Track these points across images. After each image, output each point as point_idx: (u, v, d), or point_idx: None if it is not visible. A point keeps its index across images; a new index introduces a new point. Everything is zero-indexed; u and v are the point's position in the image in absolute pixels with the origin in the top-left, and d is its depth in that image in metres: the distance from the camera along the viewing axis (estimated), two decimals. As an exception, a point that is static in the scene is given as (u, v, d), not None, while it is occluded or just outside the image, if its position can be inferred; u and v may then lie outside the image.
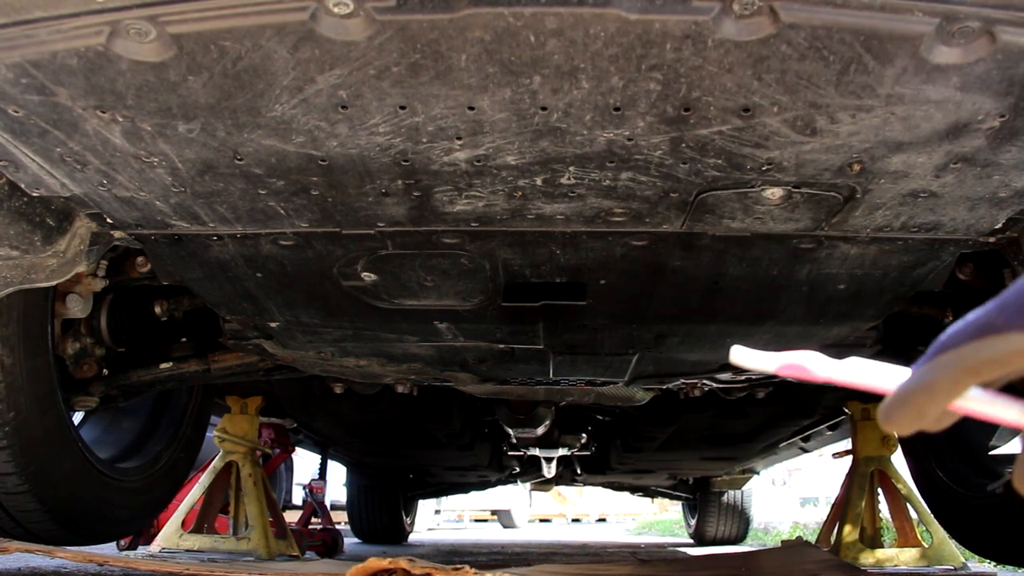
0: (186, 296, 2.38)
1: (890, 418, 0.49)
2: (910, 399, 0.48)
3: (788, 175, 1.33)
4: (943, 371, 0.46)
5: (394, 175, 1.33)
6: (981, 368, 0.45)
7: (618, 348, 2.23)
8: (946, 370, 0.46)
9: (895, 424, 0.49)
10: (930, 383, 0.47)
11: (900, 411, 0.48)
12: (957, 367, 0.46)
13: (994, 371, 0.45)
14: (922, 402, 0.47)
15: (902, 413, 0.48)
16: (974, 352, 0.45)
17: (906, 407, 0.48)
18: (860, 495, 3.38)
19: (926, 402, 0.47)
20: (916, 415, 0.48)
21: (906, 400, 0.48)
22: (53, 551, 1.89)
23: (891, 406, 0.48)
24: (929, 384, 0.47)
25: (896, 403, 0.48)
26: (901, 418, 0.48)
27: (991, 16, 0.97)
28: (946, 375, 0.46)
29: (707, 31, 0.99)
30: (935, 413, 0.47)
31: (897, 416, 0.48)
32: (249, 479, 3.41)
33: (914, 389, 0.47)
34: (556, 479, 6.67)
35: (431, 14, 0.97)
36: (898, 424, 0.48)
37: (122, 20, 0.98)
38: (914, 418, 0.48)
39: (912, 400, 0.48)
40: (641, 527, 14.37)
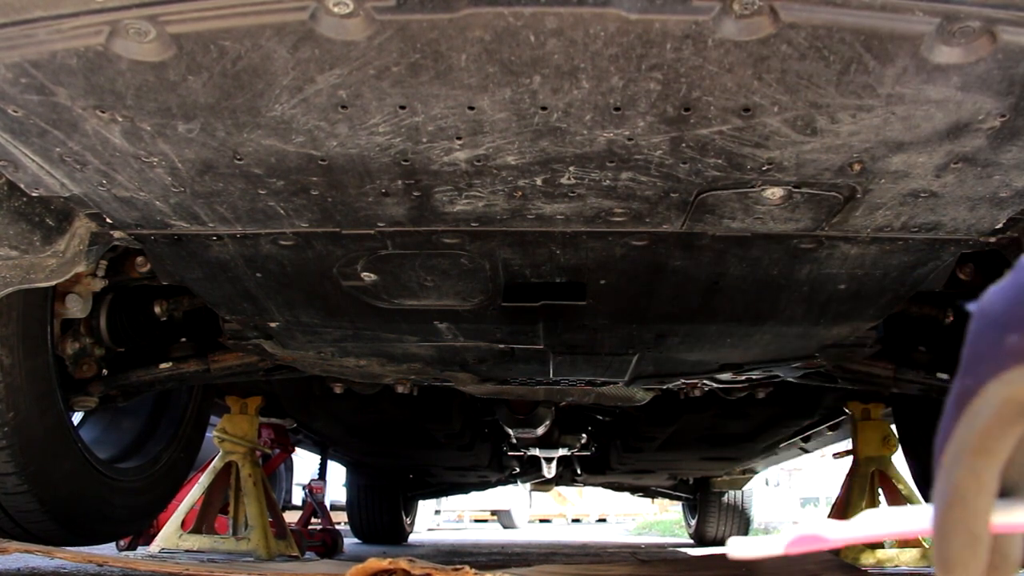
0: (186, 296, 2.38)
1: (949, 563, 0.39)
2: (951, 525, 0.39)
3: (788, 175, 1.33)
4: (954, 469, 0.39)
5: (394, 175, 1.33)
6: (985, 442, 0.39)
7: (618, 348, 2.22)
8: (957, 465, 0.39)
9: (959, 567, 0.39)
10: (952, 491, 0.39)
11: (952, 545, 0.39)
12: (963, 455, 0.39)
13: (999, 437, 0.39)
14: (964, 519, 0.39)
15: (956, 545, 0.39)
16: (968, 428, 0.39)
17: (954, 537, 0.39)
18: (860, 495, 3.38)
19: (967, 516, 0.39)
20: (970, 540, 0.39)
21: (949, 529, 0.39)
22: (52, 551, 1.89)
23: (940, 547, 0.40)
24: (952, 493, 0.39)
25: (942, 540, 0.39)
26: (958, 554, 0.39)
27: (991, 16, 0.97)
28: (961, 471, 0.39)
29: (707, 31, 0.99)
30: (983, 528, 0.39)
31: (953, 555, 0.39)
32: (249, 479, 3.41)
33: (947, 511, 0.39)
34: (556, 479, 6.67)
35: (431, 14, 0.96)
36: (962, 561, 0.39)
37: (122, 20, 0.98)
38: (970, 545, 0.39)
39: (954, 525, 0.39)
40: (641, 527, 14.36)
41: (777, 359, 2.34)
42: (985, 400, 0.39)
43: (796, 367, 2.46)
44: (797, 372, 2.56)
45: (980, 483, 0.39)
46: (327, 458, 5.16)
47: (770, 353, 2.27)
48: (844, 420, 3.82)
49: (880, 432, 3.43)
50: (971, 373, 0.39)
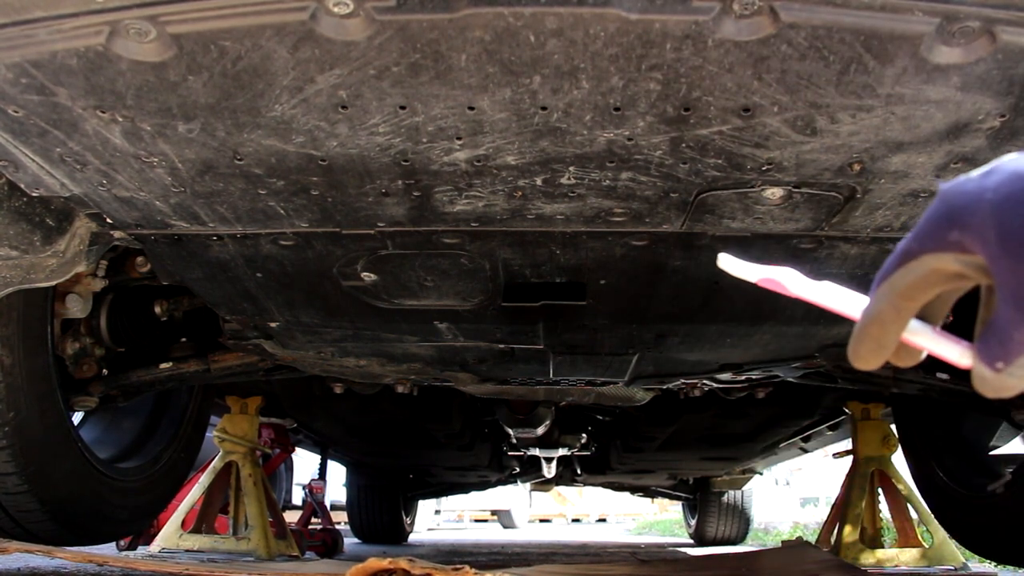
0: (186, 296, 2.38)
1: (856, 354, 0.52)
2: (866, 333, 0.51)
3: (788, 175, 1.33)
4: (883, 300, 0.50)
5: (394, 175, 1.33)
6: (910, 291, 0.50)
7: (618, 348, 2.23)
8: (885, 298, 0.50)
9: (862, 359, 0.52)
10: (876, 312, 0.50)
11: (861, 346, 0.51)
12: (892, 294, 0.50)
13: (922, 292, 0.50)
14: (876, 333, 0.51)
15: (864, 347, 0.51)
16: (901, 278, 0.50)
17: (864, 341, 0.51)
18: (860, 495, 3.38)
19: (879, 332, 0.51)
20: (876, 347, 0.51)
21: (864, 334, 0.51)
22: (53, 551, 1.89)
23: (854, 343, 0.52)
24: (876, 314, 0.51)
25: (857, 339, 0.52)
26: (865, 352, 0.52)
27: (991, 16, 0.97)
28: (886, 303, 0.50)
29: (707, 31, 0.99)
30: (891, 343, 0.51)
31: (861, 351, 0.52)
32: (249, 479, 3.41)
33: (866, 322, 0.51)
34: (556, 479, 6.67)
35: (431, 14, 0.96)
36: (864, 358, 0.52)
37: (122, 20, 0.98)
38: (874, 350, 0.51)
39: (867, 333, 0.51)
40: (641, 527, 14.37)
41: (777, 359, 2.34)
42: (920, 264, 0.49)
43: (796, 367, 2.46)
44: (797, 372, 2.56)
45: (897, 316, 0.50)
46: (327, 458, 5.16)
47: (770, 353, 2.27)
48: (844, 420, 3.82)
49: (880, 432, 3.43)
50: (918, 240, 0.49)
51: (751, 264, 0.56)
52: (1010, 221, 0.44)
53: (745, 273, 0.57)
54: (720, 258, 0.58)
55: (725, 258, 0.57)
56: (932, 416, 3.19)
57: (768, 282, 0.56)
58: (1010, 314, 0.45)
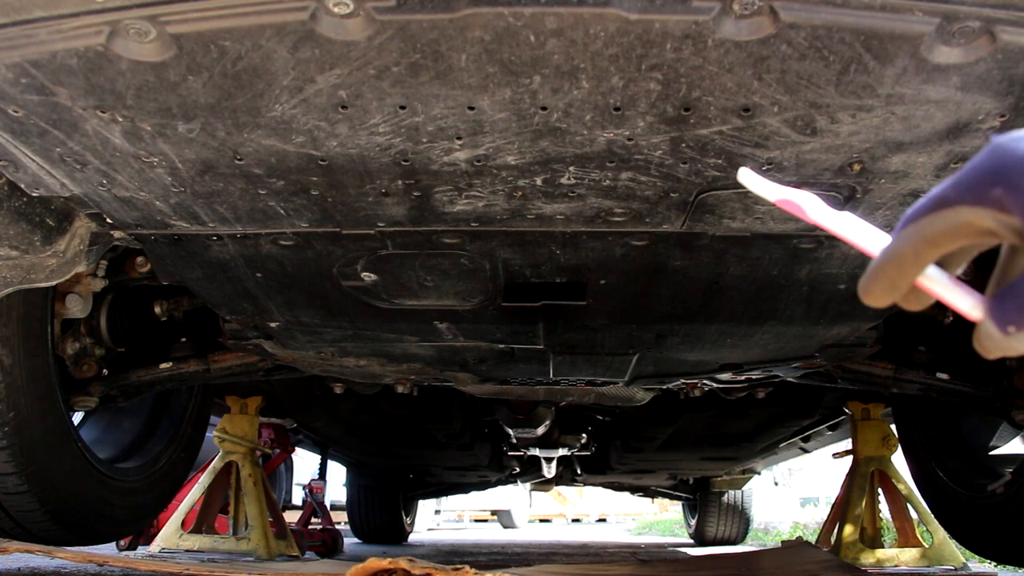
0: (186, 296, 2.38)
1: (867, 290, 0.52)
2: (882, 270, 0.51)
3: (788, 175, 1.33)
4: (906, 242, 0.49)
5: (394, 175, 1.33)
6: (937, 239, 0.49)
7: (618, 348, 2.23)
8: (909, 241, 0.49)
9: (872, 296, 0.52)
10: (897, 253, 0.50)
11: (875, 283, 0.51)
12: (917, 237, 0.49)
13: (947, 241, 0.49)
14: (892, 273, 0.50)
15: (877, 285, 0.51)
16: (930, 224, 0.49)
17: (879, 279, 0.51)
18: (860, 495, 3.38)
19: (895, 273, 0.50)
20: (889, 287, 0.51)
21: (879, 271, 0.51)
22: (53, 551, 1.90)
23: (867, 279, 0.52)
24: (896, 254, 0.50)
25: (871, 276, 0.51)
26: (876, 290, 0.51)
27: (991, 16, 0.97)
28: (909, 245, 0.49)
29: (707, 31, 0.99)
30: (905, 285, 0.50)
31: (873, 288, 0.51)
32: (249, 479, 3.41)
33: (884, 260, 0.51)
34: (556, 479, 6.68)
35: (431, 14, 0.96)
36: (874, 295, 0.51)
37: (122, 20, 0.98)
38: (887, 289, 0.51)
39: (883, 271, 0.51)
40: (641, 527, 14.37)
41: (777, 359, 2.34)
42: (954, 213, 0.48)
43: (796, 367, 2.46)
44: (797, 372, 2.56)
45: (917, 259, 0.49)
46: (327, 458, 5.17)
47: (770, 353, 2.27)
48: (844, 420, 3.82)
49: (880, 432, 3.43)
50: (957, 189, 0.48)
51: (772, 183, 0.56)
52: None
53: (764, 191, 0.56)
54: (740, 172, 0.57)
55: (745, 172, 0.57)
56: (932, 416, 3.19)
57: (786, 203, 0.55)
58: None
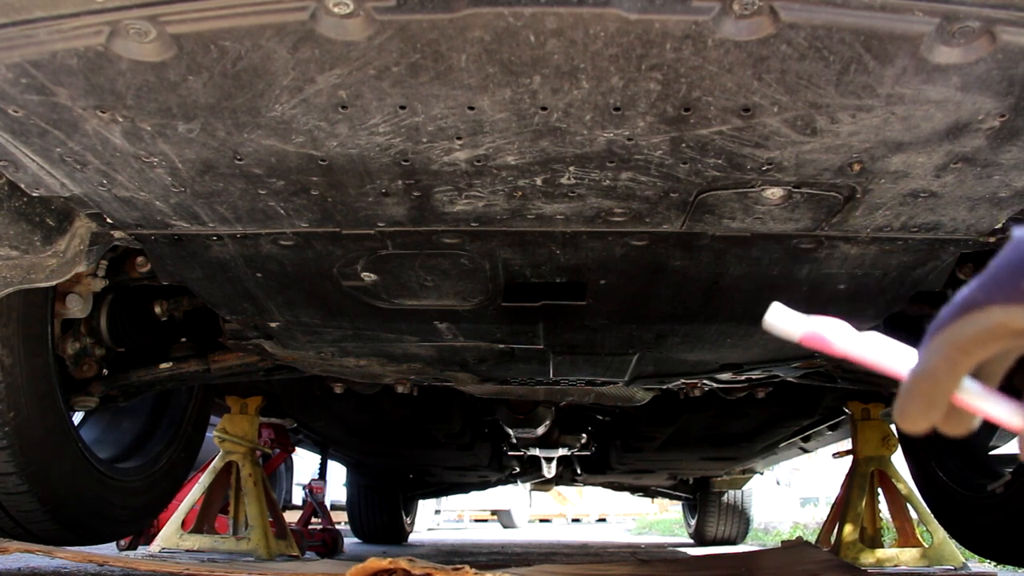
0: (186, 296, 2.38)
1: (904, 413, 0.48)
2: (916, 389, 0.47)
3: (788, 175, 1.33)
4: (937, 353, 0.46)
5: (394, 175, 1.33)
6: (970, 346, 0.45)
7: (618, 348, 2.23)
8: (940, 352, 0.46)
9: (909, 419, 0.48)
10: (929, 368, 0.46)
11: (911, 404, 0.47)
12: (949, 347, 0.46)
13: (982, 348, 0.45)
14: (927, 391, 0.46)
15: (913, 406, 0.47)
16: (961, 330, 0.45)
17: (915, 399, 0.47)
18: (860, 495, 3.38)
19: (931, 390, 0.46)
20: (926, 406, 0.47)
21: (913, 391, 0.47)
22: (53, 551, 1.89)
23: (902, 401, 0.48)
24: (929, 369, 0.46)
25: (906, 397, 0.47)
26: (913, 411, 0.47)
27: (991, 16, 0.97)
28: (941, 357, 0.46)
29: (707, 31, 0.99)
30: (942, 401, 0.47)
31: (909, 410, 0.47)
32: (249, 479, 3.41)
33: (917, 377, 0.47)
34: (556, 479, 6.68)
35: (431, 14, 0.96)
36: (912, 419, 0.47)
37: (122, 20, 0.98)
38: (925, 410, 0.47)
39: (918, 390, 0.47)
40: (641, 527, 14.37)
41: (777, 359, 2.34)
42: (985, 316, 0.45)
43: (796, 367, 2.46)
44: (797, 372, 2.56)
45: (952, 371, 0.46)
46: (327, 458, 5.16)
47: (770, 353, 2.27)
48: (844, 420, 3.82)
49: (880, 432, 3.43)
50: (985, 289, 0.45)
51: (797, 316, 0.53)
52: None
53: (790, 327, 0.53)
54: (771, 309, 0.53)
55: (776, 309, 0.53)
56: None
57: (812, 337, 0.52)
58: None
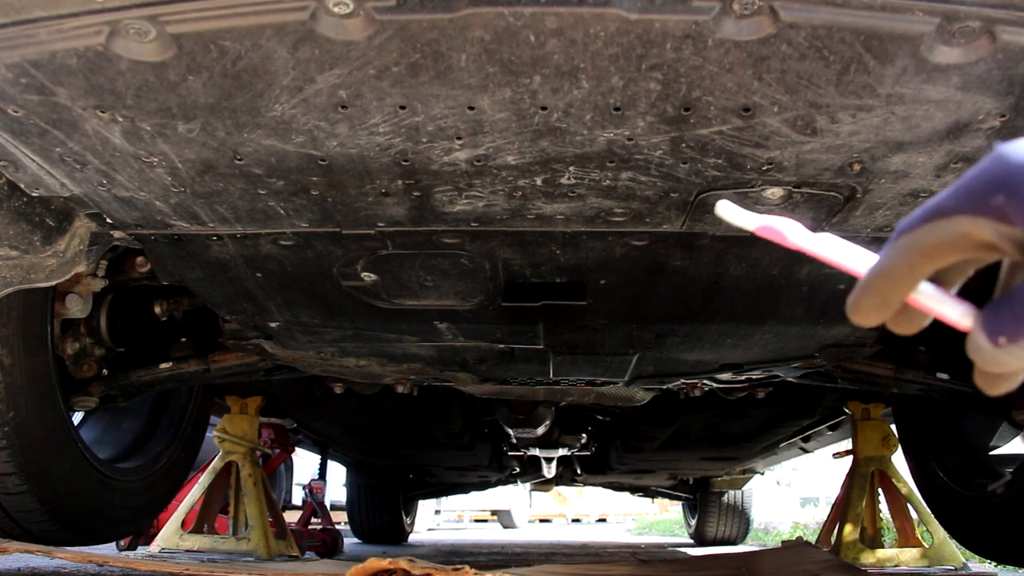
0: (186, 296, 2.38)
1: (857, 307, 0.49)
2: (873, 285, 0.48)
3: (788, 175, 1.33)
4: (899, 254, 0.47)
5: (394, 175, 1.33)
6: (932, 251, 0.46)
7: (618, 348, 2.23)
8: (902, 253, 0.47)
9: (861, 313, 0.49)
10: (889, 267, 0.47)
11: (865, 299, 0.48)
12: (912, 249, 0.46)
13: (944, 254, 0.46)
14: (884, 288, 0.48)
15: (867, 301, 0.48)
16: (925, 234, 0.46)
17: (870, 294, 0.48)
18: (860, 495, 3.38)
19: (887, 288, 0.47)
20: (880, 303, 0.48)
21: (869, 287, 0.48)
22: (53, 551, 1.89)
23: (857, 295, 0.49)
24: (888, 268, 0.47)
25: (861, 291, 0.49)
26: (867, 307, 0.48)
27: (991, 16, 0.97)
28: (902, 258, 0.47)
29: (707, 31, 0.99)
30: (896, 300, 0.48)
31: (863, 305, 0.48)
32: (249, 479, 3.41)
33: (875, 275, 0.48)
34: (556, 479, 6.68)
35: (431, 14, 0.96)
36: (865, 313, 0.49)
37: (122, 20, 0.98)
38: (878, 306, 0.48)
39: (875, 286, 0.48)
40: (641, 527, 14.37)
41: (777, 359, 2.34)
42: (952, 224, 0.45)
43: (796, 367, 2.46)
44: (797, 372, 2.56)
45: (910, 274, 0.47)
46: (327, 458, 5.16)
47: (770, 353, 2.27)
48: (844, 420, 3.82)
49: (880, 432, 3.43)
50: (956, 198, 0.45)
51: (749, 212, 0.54)
52: None
53: (743, 221, 0.54)
54: (719, 204, 0.56)
55: (724, 205, 0.55)
56: (932, 416, 3.19)
57: (766, 230, 0.53)
58: None
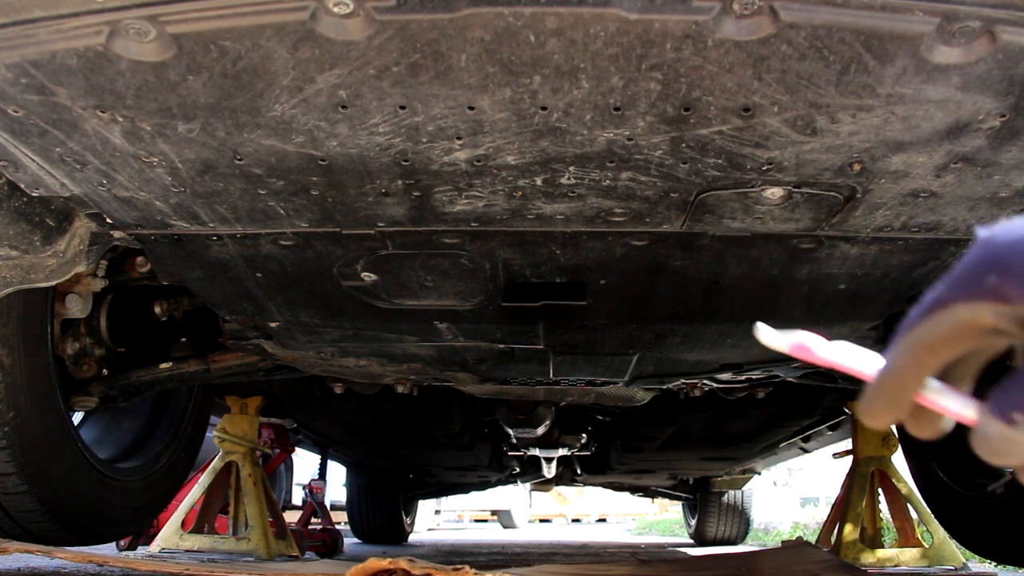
0: (186, 296, 2.38)
1: (870, 410, 0.49)
2: (882, 387, 0.48)
3: (788, 175, 1.33)
4: (904, 352, 0.47)
5: (394, 175, 1.33)
6: (935, 345, 0.46)
7: (618, 348, 2.23)
8: (907, 351, 0.47)
9: (874, 416, 0.49)
10: (896, 367, 0.47)
11: (876, 401, 0.49)
12: (916, 345, 0.46)
13: (948, 347, 0.46)
14: (893, 388, 0.48)
15: (878, 403, 0.48)
16: (927, 329, 0.46)
17: (880, 396, 0.48)
18: (860, 495, 3.38)
19: (896, 388, 0.48)
20: (891, 404, 0.48)
21: (880, 389, 0.48)
22: (53, 551, 1.89)
23: (868, 397, 0.49)
24: (895, 368, 0.47)
25: (872, 394, 0.49)
26: (878, 409, 0.49)
27: (991, 16, 0.97)
28: (908, 357, 0.47)
29: (707, 31, 0.99)
30: (906, 400, 0.48)
31: (875, 408, 0.49)
32: (249, 479, 3.41)
33: (884, 376, 0.48)
34: (556, 479, 6.68)
35: (431, 14, 0.96)
36: (877, 415, 0.49)
37: (122, 20, 0.98)
38: (890, 407, 0.48)
39: (884, 388, 0.48)
40: (641, 527, 14.37)
41: (777, 359, 2.34)
42: (951, 315, 0.45)
43: (796, 367, 2.46)
44: (797, 372, 2.56)
45: (918, 370, 0.47)
46: (327, 458, 5.16)
47: (770, 353, 2.26)
48: (844, 420, 3.82)
49: (880, 432, 3.43)
50: (950, 288, 0.46)
51: (781, 333, 0.54)
52: None
53: (778, 343, 0.54)
54: (757, 327, 0.56)
55: (762, 328, 0.55)
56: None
57: (799, 348, 0.53)
58: None
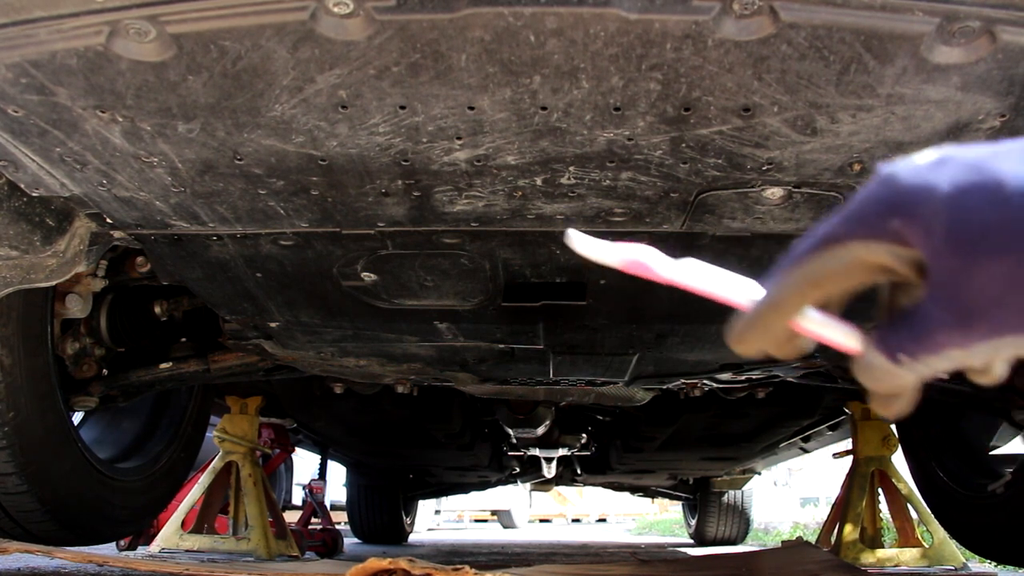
0: (186, 296, 2.38)
1: (741, 338, 0.48)
2: (760, 316, 0.47)
3: (788, 175, 1.33)
4: (790, 287, 0.46)
5: (394, 175, 1.33)
6: (823, 280, 0.45)
7: (618, 348, 2.23)
8: (793, 285, 0.46)
9: (746, 343, 0.48)
10: (779, 299, 0.46)
11: (751, 330, 0.47)
12: (803, 281, 0.45)
13: (836, 283, 0.45)
14: (770, 319, 0.46)
15: (752, 332, 0.47)
16: (818, 264, 0.45)
17: (756, 325, 0.47)
18: (860, 495, 3.38)
19: (773, 319, 0.46)
20: (763, 333, 0.47)
21: (757, 319, 0.47)
22: (53, 551, 1.89)
23: (741, 327, 0.48)
24: (778, 299, 0.46)
25: (748, 323, 0.47)
26: (752, 338, 0.47)
27: (991, 16, 0.97)
28: (793, 289, 0.46)
29: (707, 31, 0.99)
30: (781, 330, 0.47)
31: (748, 335, 0.47)
32: (249, 479, 3.41)
33: (764, 306, 0.47)
34: (556, 479, 6.68)
35: (431, 14, 0.96)
36: (750, 344, 0.48)
37: (122, 20, 0.98)
38: (762, 336, 0.47)
39: (762, 317, 0.47)
40: (641, 527, 14.37)
41: (777, 359, 2.33)
42: (846, 251, 0.44)
43: (796, 367, 2.46)
44: (797, 372, 2.56)
45: (798, 302, 0.46)
46: (327, 458, 5.16)
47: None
48: (844, 420, 3.82)
49: (880, 432, 3.43)
50: (848, 224, 0.44)
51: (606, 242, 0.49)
52: (964, 217, 0.41)
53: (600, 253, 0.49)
54: (570, 235, 0.51)
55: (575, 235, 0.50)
56: (932, 416, 3.19)
57: (630, 264, 0.49)
58: (938, 314, 0.42)
